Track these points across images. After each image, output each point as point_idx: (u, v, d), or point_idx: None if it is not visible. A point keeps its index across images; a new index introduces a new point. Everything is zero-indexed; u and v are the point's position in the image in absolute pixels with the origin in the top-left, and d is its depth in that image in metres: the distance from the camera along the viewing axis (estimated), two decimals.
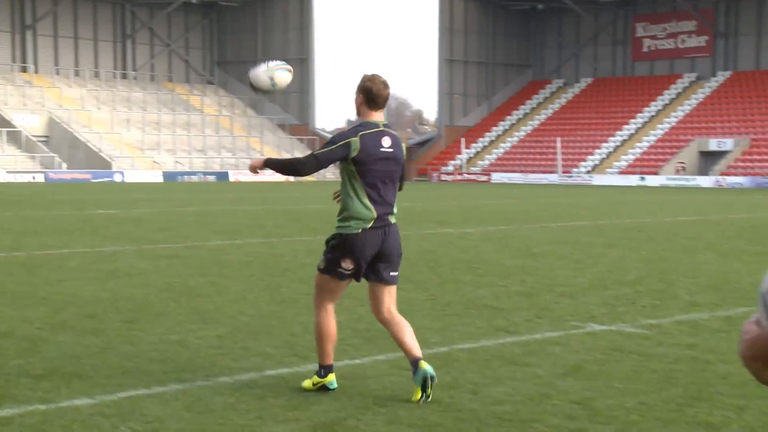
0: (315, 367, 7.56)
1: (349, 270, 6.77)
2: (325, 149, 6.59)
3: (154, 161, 74.60)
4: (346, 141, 6.57)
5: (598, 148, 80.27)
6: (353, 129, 6.67)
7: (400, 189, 6.90)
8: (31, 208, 30.49)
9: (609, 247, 18.34)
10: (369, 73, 6.79)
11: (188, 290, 11.86)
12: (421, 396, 6.54)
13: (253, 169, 6.90)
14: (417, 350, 6.75)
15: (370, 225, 6.68)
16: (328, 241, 6.85)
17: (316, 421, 6.14)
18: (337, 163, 6.70)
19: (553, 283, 12.84)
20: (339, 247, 6.74)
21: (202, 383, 7.06)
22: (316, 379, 6.82)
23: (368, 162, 6.62)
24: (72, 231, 20.99)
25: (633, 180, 71.97)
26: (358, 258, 6.72)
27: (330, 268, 6.79)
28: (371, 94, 6.70)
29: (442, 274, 13.76)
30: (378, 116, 6.77)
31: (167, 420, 6.07)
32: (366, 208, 6.67)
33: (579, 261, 15.74)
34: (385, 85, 6.77)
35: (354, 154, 6.57)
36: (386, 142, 6.70)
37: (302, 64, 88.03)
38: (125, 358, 7.87)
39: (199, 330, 9.16)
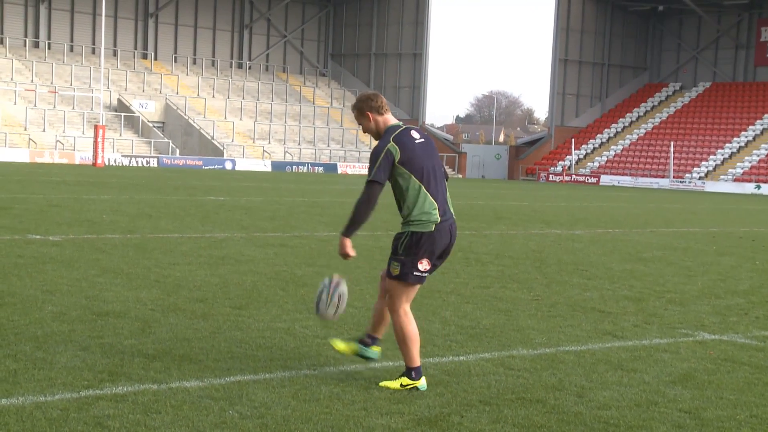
0: (420, 362, 7.61)
1: (426, 271, 6.78)
2: (375, 168, 6.64)
3: (265, 150, 75.73)
4: (386, 149, 6.66)
5: (713, 154, 78.38)
6: (384, 139, 6.73)
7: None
8: (146, 191, 31.29)
9: (721, 255, 17.91)
10: (361, 95, 6.96)
11: (295, 279, 12.02)
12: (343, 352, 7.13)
13: (345, 254, 6.81)
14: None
15: (439, 221, 6.72)
16: (398, 244, 6.78)
17: (419, 415, 6.16)
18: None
19: (663, 290, 12.60)
20: (414, 247, 6.71)
21: (308, 372, 7.15)
22: (406, 380, 6.78)
23: (413, 158, 6.69)
24: (184, 216, 21.47)
25: (748, 188, 70.10)
26: (432, 256, 6.74)
27: (406, 273, 6.75)
28: (375, 104, 6.81)
29: (549, 275, 13.63)
30: (393, 119, 6.90)
31: (273, 406, 6.17)
32: (431, 205, 6.72)
33: (689, 268, 15.41)
34: (376, 93, 6.93)
35: (398, 156, 6.66)
36: (416, 134, 6.82)
37: (416, 59, 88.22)
38: (234, 343, 8.02)
39: (306, 319, 9.27)
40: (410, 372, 6.78)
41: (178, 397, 6.29)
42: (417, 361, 6.79)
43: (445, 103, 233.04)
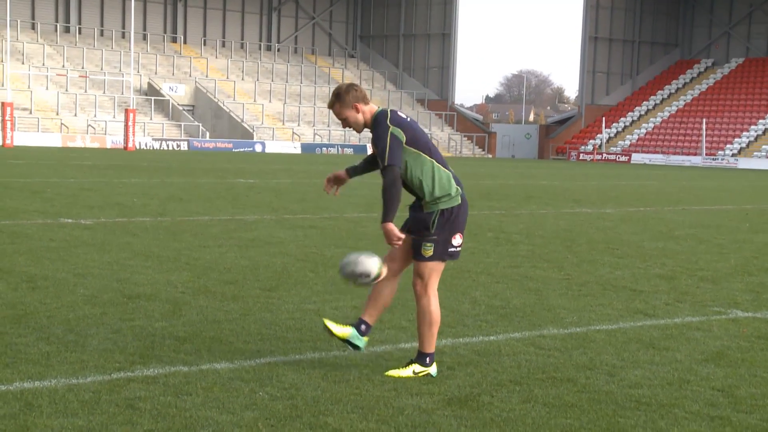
0: (449, 342, 7.59)
1: (460, 246, 6.70)
2: (389, 152, 6.50)
3: (294, 132, 75.83)
4: (390, 134, 6.52)
5: (746, 130, 77.60)
6: (381, 125, 6.58)
7: None
8: (176, 175, 31.44)
9: (755, 232, 17.74)
10: (340, 86, 6.72)
11: (325, 261, 12.03)
12: (332, 335, 6.69)
13: (394, 239, 6.56)
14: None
15: (460, 190, 6.66)
16: (428, 225, 6.57)
17: (450, 395, 6.14)
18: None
19: (695, 267, 12.50)
20: (447, 223, 6.58)
21: (338, 353, 7.16)
22: (418, 367, 6.56)
23: (416, 136, 6.59)
24: (214, 199, 21.56)
25: None
26: (463, 229, 6.69)
27: (441, 251, 6.62)
28: (360, 93, 6.65)
29: (579, 254, 13.56)
30: (374, 106, 6.77)
31: (303, 387, 6.18)
32: (447, 177, 6.64)
33: (722, 246, 15.27)
34: (354, 83, 6.85)
35: (404, 138, 6.54)
36: (402, 114, 6.73)
37: (444, 39, 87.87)
38: (263, 325, 8.04)
39: (335, 300, 9.28)
40: (424, 358, 6.60)
41: (209, 378, 6.31)
42: (434, 346, 6.68)
43: (474, 83, 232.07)
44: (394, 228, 6.54)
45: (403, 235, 6.57)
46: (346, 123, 6.71)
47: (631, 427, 5.60)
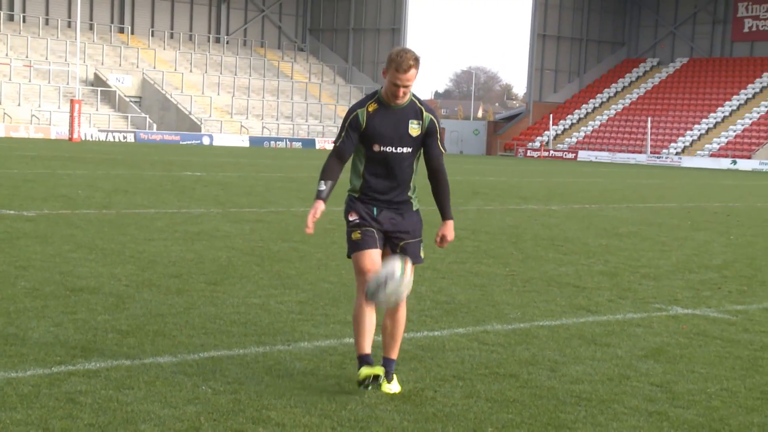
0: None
1: None
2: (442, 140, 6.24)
3: (242, 126, 75.43)
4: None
5: (690, 129, 78.69)
6: (425, 105, 6.22)
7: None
8: (122, 167, 31.12)
9: (696, 230, 18.01)
10: (413, 52, 5.99)
11: (271, 255, 12.00)
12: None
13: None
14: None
15: None
16: (420, 227, 6.17)
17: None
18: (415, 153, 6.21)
19: (637, 264, 12.67)
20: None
21: (282, 347, 7.15)
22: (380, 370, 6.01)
23: None
24: (160, 191, 21.38)
25: (724, 163, 70.49)
26: None
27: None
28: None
29: (525, 251, 13.67)
30: None
31: (247, 382, 6.17)
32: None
33: (664, 243, 15.49)
34: None
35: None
36: None
37: (394, 34, 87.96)
38: (208, 319, 8.01)
39: (281, 295, 9.26)
40: (393, 364, 6.25)
41: (151, 372, 6.27)
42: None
43: (423, 78, 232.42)
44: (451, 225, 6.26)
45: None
46: (406, 92, 5.99)
47: (572, 422, 5.67)
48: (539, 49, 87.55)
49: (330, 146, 73.56)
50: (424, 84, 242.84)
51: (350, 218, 6.14)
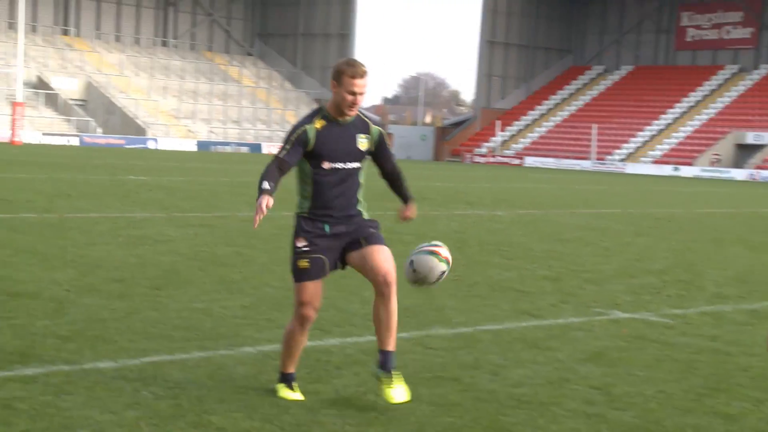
0: (337, 341, 7.65)
1: None
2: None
3: (189, 130, 74.95)
4: None
5: (634, 136, 79.69)
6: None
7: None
8: (65, 170, 30.76)
9: (638, 235, 18.25)
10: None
11: (215, 259, 11.94)
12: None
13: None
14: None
15: None
16: (374, 223, 6.20)
17: (335, 394, 6.18)
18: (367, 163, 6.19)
19: (580, 269, 12.81)
20: None
21: (225, 352, 7.13)
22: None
23: None
24: (103, 195, 21.17)
25: (667, 170, 71.46)
26: None
27: None
28: None
29: (470, 255, 13.75)
30: None
31: (188, 387, 6.14)
32: None
33: (607, 248, 15.68)
34: None
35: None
36: None
37: (343, 39, 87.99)
38: (150, 323, 7.95)
39: (224, 299, 9.23)
40: (393, 356, 6.06)
41: (91, 378, 6.21)
42: None
43: (372, 84, 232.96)
44: None
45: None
46: (361, 100, 5.91)
47: (512, 425, 5.72)
48: (487, 55, 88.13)
49: (276, 150, 73.26)
50: (373, 90, 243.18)
51: (298, 245, 5.96)
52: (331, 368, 6.80)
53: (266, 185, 5.88)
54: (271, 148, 73.97)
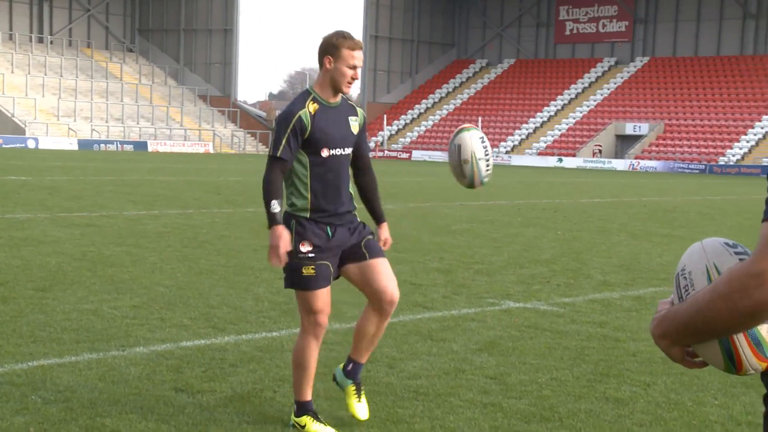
0: (231, 339, 7.59)
1: None
2: None
3: (70, 128, 73.15)
4: None
5: (518, 128, 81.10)
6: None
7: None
8: None
9: (525, 226, 18.57)
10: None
11: (103, 260, 11.69)
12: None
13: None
14: None
15: None
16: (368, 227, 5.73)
17: (232, 392, 6.11)
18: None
19: (471, 261, 12.97)
20: None
21: (117, 353, 6.98)
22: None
23: None
24: None
25: (551, 161, 72.93)
26: None
27: None
28: None
29: None
30: None
31: (79, 390, 5.99)
32: None
33: (496, 239, 15.91)
34: None
35: None
36: None
37: (226, 35, 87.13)
38: (37, 326, 7.73)
39: (114, 300, 9.04)
40: (361, 369, 5.88)
41: None
42: None
43: (257, 80, 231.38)
44: None
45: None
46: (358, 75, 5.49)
47: (410, 416, 5.75)
48: (372, 50, 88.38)
49: (164, 148, 72.20)
50: (258, 85, 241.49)
51: (302, 249, 5.36)
52: (226, 366, 6.73)
53: (275, 208, 5.21)
54: (157, 145, 72.75)
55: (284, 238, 5.21)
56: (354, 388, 5.69)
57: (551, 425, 5.68)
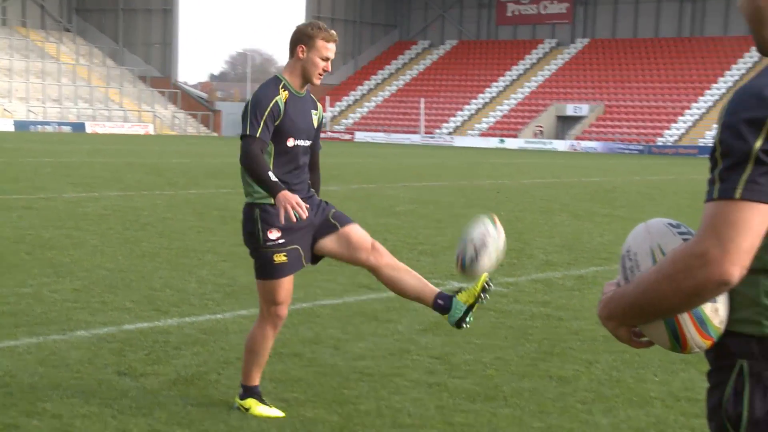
0: (175, 321, 7.53)
1: None
2: None
3: (5, 109, 71.83)
4: None
5: (460, 110, 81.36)
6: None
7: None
8: None
9: (469, 207, 18.65)
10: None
11: (42, 243, 11.51)
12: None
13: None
14: None
15: None
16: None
17: (176, 375, 6.06)
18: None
19: (415, 242, 12.99)
20: None
21: (57, 337, 6.88)
22: None
23: None
24: None
25: (493, 142, 73.31)
26: None
27: None
28: None
29: None
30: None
31: (19, 374, 5.90)
32: None
33: (440, 220, 15.96)
34: None
35: None
36: None
37: (165, 15, 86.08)
38: None
39: (54, 283, 8.91)
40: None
41: None
42: None
43: (198, 60, 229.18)
44: None
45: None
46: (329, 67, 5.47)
47: (355, 397, 5.76)
48: None
49: (103, 129, 71.20)
50: (199, 66, 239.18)
51: (271, 236, 5.29)
52: (170, 349, 6.67)
53: (274, 177, 5.11)
54: (95, 127, 71.75)
55: (295, 195, 5.05)
56: (475, 284, 5.72)
57: (496, 404, 5.72)
